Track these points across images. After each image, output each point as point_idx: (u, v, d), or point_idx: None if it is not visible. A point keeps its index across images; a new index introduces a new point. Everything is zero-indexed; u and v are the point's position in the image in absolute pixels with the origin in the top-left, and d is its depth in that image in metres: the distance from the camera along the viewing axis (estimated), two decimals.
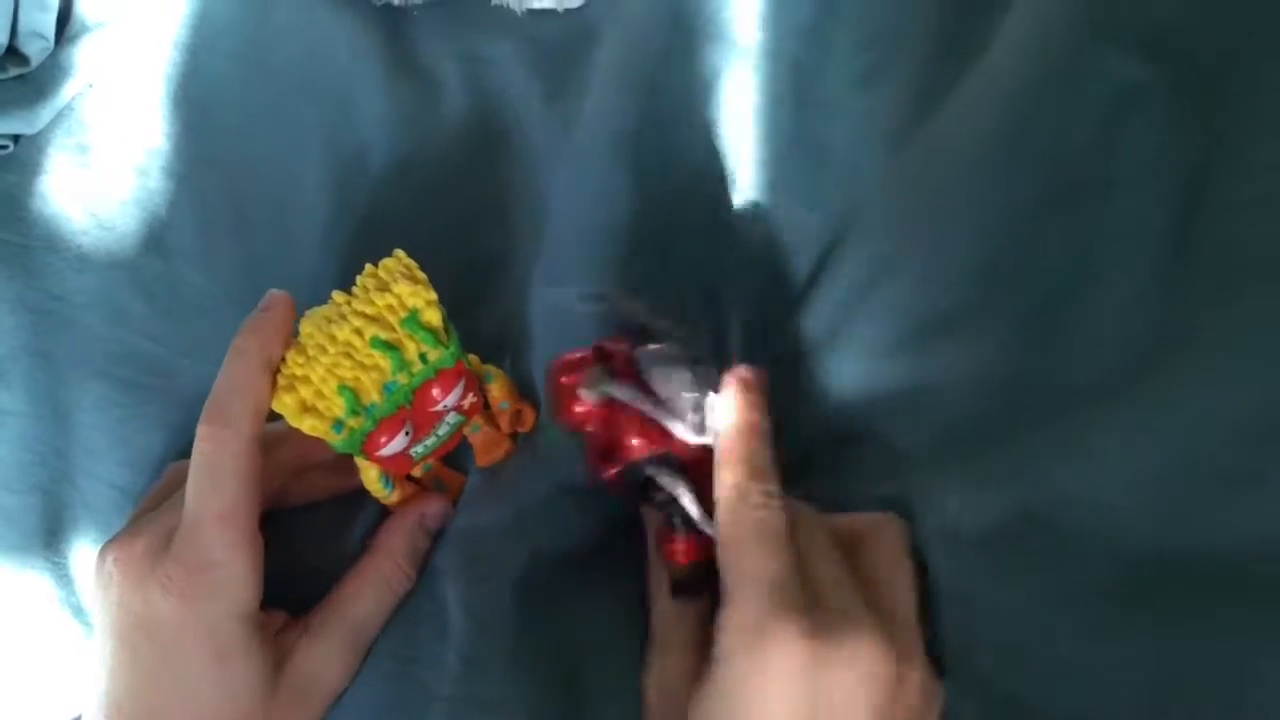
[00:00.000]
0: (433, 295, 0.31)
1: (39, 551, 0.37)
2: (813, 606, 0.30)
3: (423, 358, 0.31)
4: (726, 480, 0.31)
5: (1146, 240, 0.35)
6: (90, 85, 0.41)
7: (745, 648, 0.29)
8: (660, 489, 0.32)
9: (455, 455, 0.35)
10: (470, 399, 0.33)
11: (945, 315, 0.35)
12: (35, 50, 0.41)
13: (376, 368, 0.30)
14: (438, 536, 0.35)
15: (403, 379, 0.31)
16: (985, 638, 0.33)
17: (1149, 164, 0.35)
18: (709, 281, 0.39)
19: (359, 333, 0.30)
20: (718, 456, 0.32)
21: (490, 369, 0.35)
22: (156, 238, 0.39)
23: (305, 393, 0.30)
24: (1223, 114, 0.35)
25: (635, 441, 0.32)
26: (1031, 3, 0.37)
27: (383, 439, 0.31)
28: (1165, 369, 0.34)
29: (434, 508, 0.35)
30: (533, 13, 0.41)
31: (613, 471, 0.33)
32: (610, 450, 0.33)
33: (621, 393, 0.32)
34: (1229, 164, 0.35)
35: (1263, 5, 0.34)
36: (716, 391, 0.32)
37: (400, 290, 0.30)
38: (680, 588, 0.33)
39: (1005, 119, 0.36)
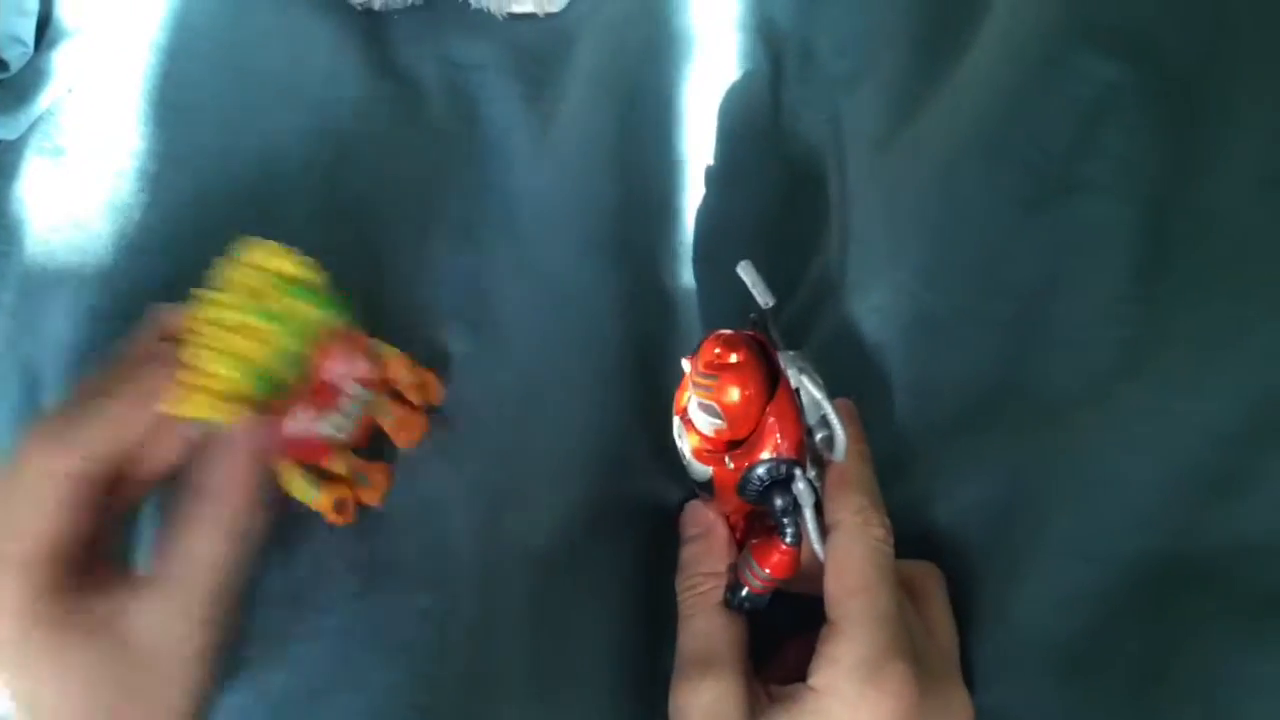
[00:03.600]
0: (297, 255, 0.31)
1: None
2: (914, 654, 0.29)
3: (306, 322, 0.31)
4: (850, 504, 0.31)
5: (1122, 243, 0.35)
6: (69, 90, 0.41)
7: (858, 683, 0.28)
8: (783, 494, 0.31)
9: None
10: (368, 369, 0.33)
11: (930, 318, 0.35)
12: (14, 56, 0.41)
13: (269, 340, 0.30)
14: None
15: (295, 346, 0.30)
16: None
17: (1125, 166, 0.35)
18: (689, 285, 0.39)
19: (241, 309, 0.29)
20: (838, 479, 0.31)
21: (384, 344, 0.34)
22: (128, 237, 0.38)
23: (203, 382, 0.28)
24: (1199, 118, 0.35)
25: (781, 440, 0.31)
26: (1011, 5, 0.37)
27: (285, 417, 0.31)
28: (1143, 373, 0.33)
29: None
30: (513, 16, 0.41)
31: (743, 464, 0.31)
32: (747, 440, 0.31)
33: (813, 385, 0.30)
34: (1203, 168, 0.35)
35: (1242, 12, 0.34)
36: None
37: (258, 258, 0.30)
38: (741, 602, 0.32)
39: (983, 122, 0.36)
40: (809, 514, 0.31)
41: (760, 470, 0.31)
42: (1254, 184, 0.35)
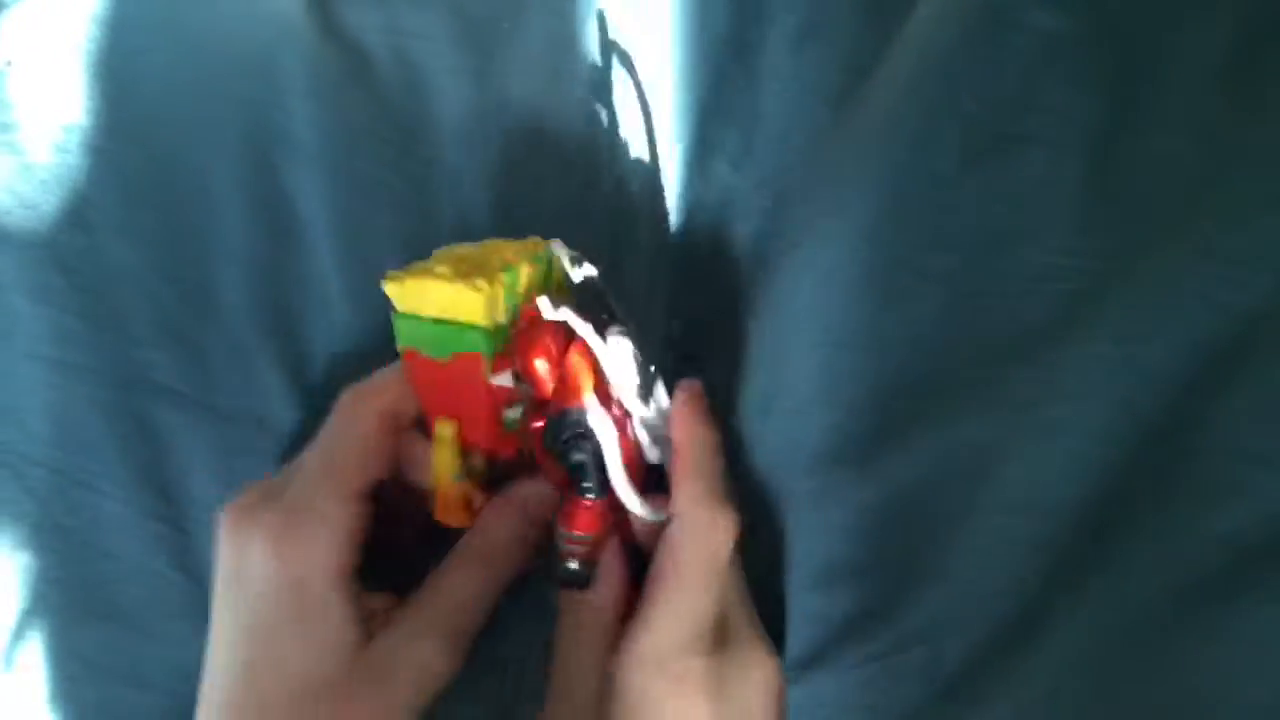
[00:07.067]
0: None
1: None
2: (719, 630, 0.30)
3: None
4: (693, 492, 0.31)
5: (1064, 196, 0.35)
6: (9, 63, 0.40)
7: (654, 677, 0.29)
8: (582, 448, 0.31)
9: None
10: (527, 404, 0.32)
11: (877, 276, 0.36)
12: None
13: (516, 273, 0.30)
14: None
15: (519, 295, 0.30)
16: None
17: (1066, 118, 0.35)
18: (646, 260, 0.39)
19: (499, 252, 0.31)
20: (679, 467, 0.32)
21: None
22: (77, 213, 0.38)
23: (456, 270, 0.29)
24: (1139, 67, 0.36)
25: (583, 395, 0.31)
26: None
27: (501, 362, 0.30)
28: (1084, 323, 0.34)
29: (533, 490, 0.33)
30: None
31: (543, 420, 0.32)
32: (549, 399, 0.32)
33: (579, 323, 0.31)
34: (1143, 117, 0.35)
35: None
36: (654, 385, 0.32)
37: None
38: (566, 575, 0.32)
39: (925, 76, 0.36)
40: (614, 459, 0.31)
41: (551, 428, 0.32)
42: (1193, 131, 0.35)
